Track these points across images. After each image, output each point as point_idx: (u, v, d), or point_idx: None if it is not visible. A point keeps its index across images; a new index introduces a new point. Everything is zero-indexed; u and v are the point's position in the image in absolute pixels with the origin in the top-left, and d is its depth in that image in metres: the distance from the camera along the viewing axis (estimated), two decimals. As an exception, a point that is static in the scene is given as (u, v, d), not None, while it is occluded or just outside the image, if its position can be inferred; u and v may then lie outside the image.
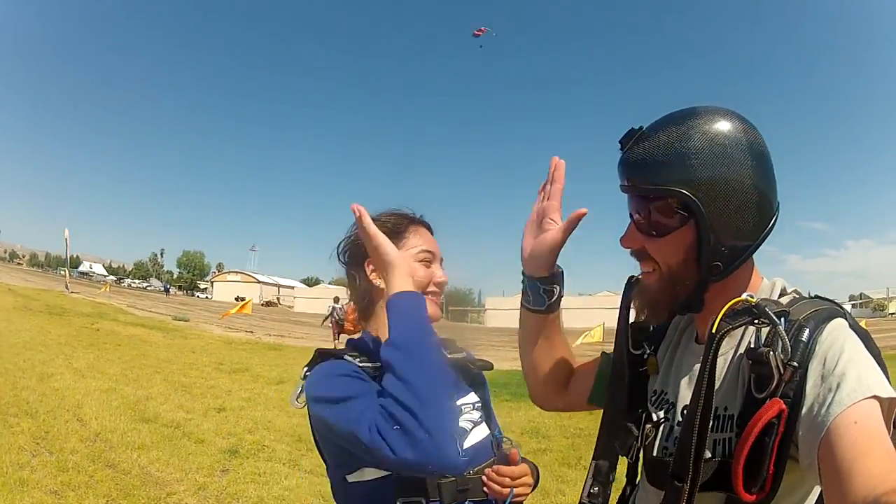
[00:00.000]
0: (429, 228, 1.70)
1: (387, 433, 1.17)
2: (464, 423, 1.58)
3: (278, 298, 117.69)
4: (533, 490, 1.61)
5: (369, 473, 1.43)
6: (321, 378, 1.45)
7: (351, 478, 1.47)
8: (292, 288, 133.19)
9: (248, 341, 22.09)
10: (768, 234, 1.20)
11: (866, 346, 1.09)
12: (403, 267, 1.38)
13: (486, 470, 1.52)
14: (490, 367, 1.76)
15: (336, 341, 21.54)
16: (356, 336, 1.64)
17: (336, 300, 23.24)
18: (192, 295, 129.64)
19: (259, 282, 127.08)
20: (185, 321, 28.98)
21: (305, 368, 1.52)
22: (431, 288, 1.60)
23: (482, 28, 74.57)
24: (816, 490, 1.15)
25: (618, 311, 1.45)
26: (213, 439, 7.41)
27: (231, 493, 5.56)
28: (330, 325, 23.38)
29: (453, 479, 1.47)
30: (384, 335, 1.36)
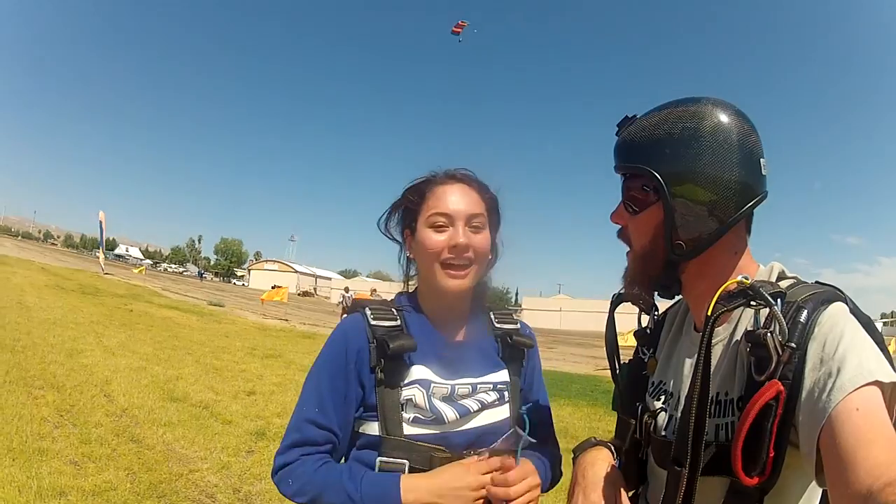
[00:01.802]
0: (464, 182, 1.63)
1: (285, 480, 1.50)
2: (471, 402, 1.56)
3: (315, 289, 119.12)
4: (552, 485, 1.63)
5: (368, 429, 1.51)
6: (326, 344, 1.59)
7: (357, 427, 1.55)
8: (329, 279, 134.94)
9: (282, 329, 22.37)
10: (738, 220, 1.23)
11: (868, 332, 1.10)
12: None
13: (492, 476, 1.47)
14: (530, 345, 1.73)
15: None
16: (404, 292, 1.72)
17: (346, 290, 28.72)
18: (229, 282, 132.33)
19: (296, 271, 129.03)
20: (220, 307, 29.44)
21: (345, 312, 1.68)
22: (445, 255, 1.55)
23: (462, 22, 70.43)
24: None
25: (609, 326, 1.58)
26: (241, 421, 7.43)
27: (254, 474, 5.54)
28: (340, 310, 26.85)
29: (448, 454, 1.49)
30: (425, 301, 1.64)
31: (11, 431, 5.64)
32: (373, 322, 1.55)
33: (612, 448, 1.47)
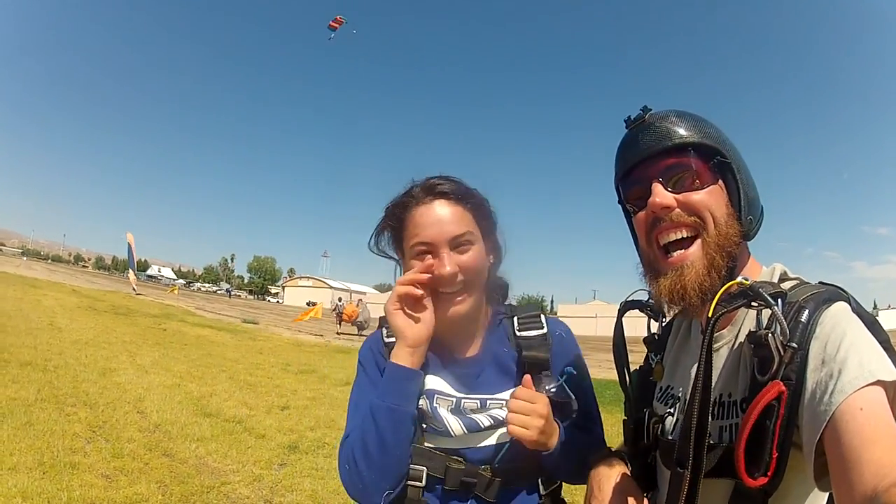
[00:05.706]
0: (443, 197, 1.58)
1: (343, 462, 1.50)
2: (482, 417, 1.57)
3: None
4: (553, 445, 1.52)
5: None
6: (361, 352, 1.77)
7: None
8: (364, 293, 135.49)
9: (316, 344, 22.54)
10: (762, 219, 1.35)
11: (872, 332, 1.12)
12: (404, 340, 1.52)
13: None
14: (544, 360, 1.63)
15: (339, 327, 30.36)
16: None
17: (339, 299, 34.01)
18: (263, 299, 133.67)
19: (331, 287, 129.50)
20: (255, 324, 29.79)
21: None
22: (435, 286, 1.54)
23: (339, 18, 66.31)
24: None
25: (617, 332, 1.64)
26: (274, 435, 7.58)
27: (286, 486, 5.66)
28: (335, 315, 32.19)
29: (463, 466, 1.54)
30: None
31: (43, 447, 5.82)
32: (387, 340, 1.67)
33: (627, 460, 1.52)
